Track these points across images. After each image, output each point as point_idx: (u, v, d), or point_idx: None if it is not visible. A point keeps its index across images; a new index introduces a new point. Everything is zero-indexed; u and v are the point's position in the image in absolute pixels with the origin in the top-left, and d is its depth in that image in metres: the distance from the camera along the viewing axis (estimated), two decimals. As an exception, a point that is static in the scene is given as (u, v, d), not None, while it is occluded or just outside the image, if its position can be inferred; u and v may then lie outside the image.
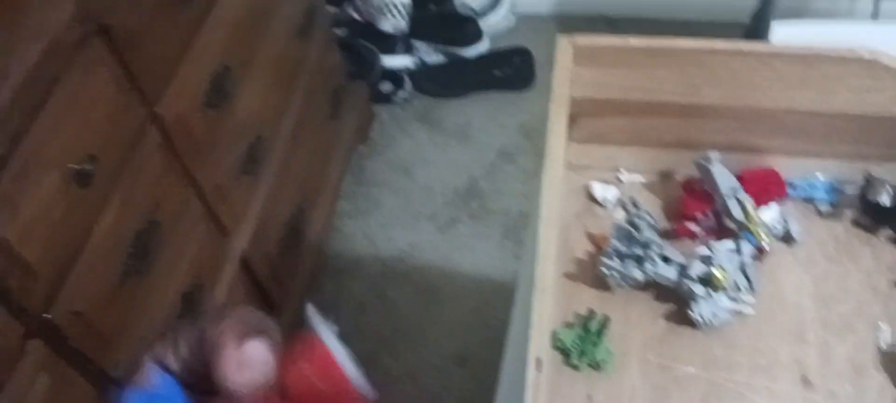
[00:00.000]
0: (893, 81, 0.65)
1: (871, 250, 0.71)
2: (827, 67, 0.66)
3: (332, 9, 1.93)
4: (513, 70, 1.94)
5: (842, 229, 0.73)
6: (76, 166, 0.84)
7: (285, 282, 1.44)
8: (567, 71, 0.69)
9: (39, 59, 0.76)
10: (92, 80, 0.86)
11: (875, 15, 1.85)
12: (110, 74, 0.89)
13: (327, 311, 1.61)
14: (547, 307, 0.54)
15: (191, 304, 1.10)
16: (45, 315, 0.83)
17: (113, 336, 0.93)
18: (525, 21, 2.11)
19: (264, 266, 1.34)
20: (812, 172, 0.75)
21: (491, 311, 1.55)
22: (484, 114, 1.92)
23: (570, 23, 2.08)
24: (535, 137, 1.84)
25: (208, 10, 1.11)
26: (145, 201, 0.98)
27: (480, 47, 1.98)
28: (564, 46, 0.69)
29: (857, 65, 0.65)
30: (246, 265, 1.28)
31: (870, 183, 0.71)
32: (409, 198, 1.76)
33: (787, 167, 0.74)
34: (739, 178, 0.72)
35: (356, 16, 1.98)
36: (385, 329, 1.55)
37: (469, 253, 1.65)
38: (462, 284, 1.59)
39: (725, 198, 0.70)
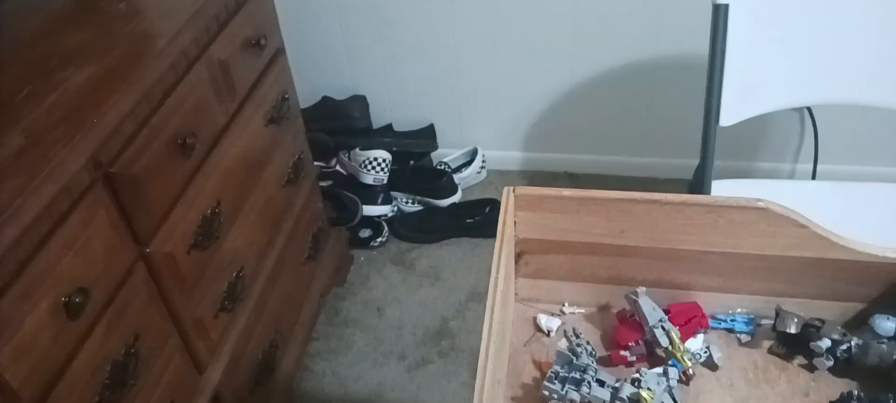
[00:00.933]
0: (788, 228, 0.76)
1: (787, 375, 0.79)
2: (731, 215, 0.77)
3: (320, 163, 2.08)
4: (483, 218, 2.07)
5: (760, 356, 0.81)
6: (67, 297, 0.91)
7: (255, 421, 1.47)
8: (510, 215, 0.79)
9: (51, 199, 0.85)
10: (92, 220, 0.95)
11: (813, 177, 2.03)
12: (108, 215, 0.98)
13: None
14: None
15: (161, 438, 1.13)
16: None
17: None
18: (496, 175, 2.28)
19: (235, 402, 1.37)
20: (732, 306, 0.85)
21: (457, 451, 1.57)
22: (455, 257, 2.02)
23: (536, 177, 2.25)
24: (502, 281, 1.93)
25: (205, 158, 1.22)
26: (126, 333, 1.04)
27: (454, 198, 2.13)
28: (507, 195, 0.80)
29: (755, 213, 0.76)
30: (217, 400, 1.32)
31: (779, 315, 0.80)
32: (380, 337, 1.82)
33: (709, 301, 0.84)
34: (666, 311, 0.82)
35: (340, 169, 2.13)
36: (352, 469, 1.56)
37: (437, 392, 1.68)
38: (429, 425, 1.62)
39: (653, 329, 0.79)
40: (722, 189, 1.43)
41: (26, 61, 1.09)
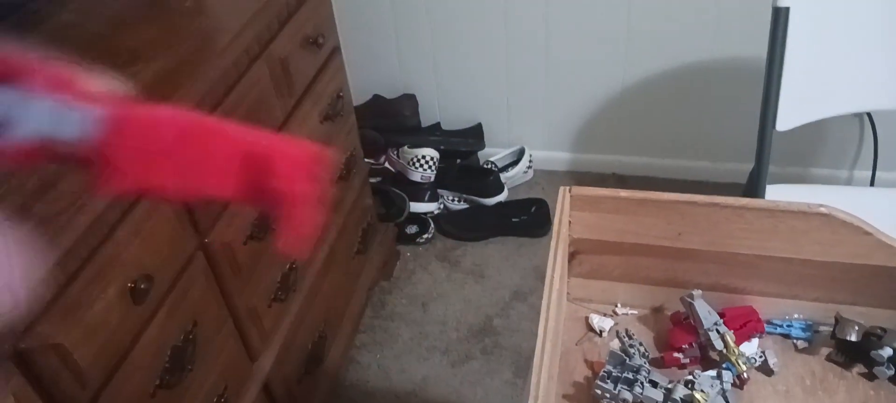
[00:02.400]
0: (850, 235, 0.75)
1: (845, 385, 0.78)
2: (793, 221, 0.76)
3: (369, 160, 2.11)
4: (529, 217, 2.07)
5: (817, 364, 0.80)
6: (133, 283, 0.95)
7: (302, 409, 1.50)
8: (566, 215, 0.80)
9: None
10: (156, 210, 0.98)
11: (871, 184, 1.98)
12: (171, 206, 1.02)
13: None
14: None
15: (213, 421, 1.16)
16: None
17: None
18: (542, 175, 2.28)
19: (283, 390, 1.40)
20: (789, 312, 0.84)
21: (500, 448, 1.58)
22: (500, 256, 2.03)
23: (583, 178, 2.24)
24: (548, 281, 1.93)
25: (262, 151, 1.25)
26: (185, 319, 1.08)
27: (500, 197, 2.13)
28: (563, 194, 0.81)
29: (818, 220, 0.75)
30: (267, 388, 1.35)
31: (839, 322, 0.79)
32: (424, 331, 1.84)
33: (766, 306, 0.83)
34: (721, 315, 0.81)
35: (390, 167, 2.16)
36: (394, 462, 1.58)
37: (480, 389, 1.69)
38: (472, 421, 1.64)
39: (708, 332, 0.79)
40: (777, 194, 1.40)
41: (96, 56, 1.13)
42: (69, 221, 0.83)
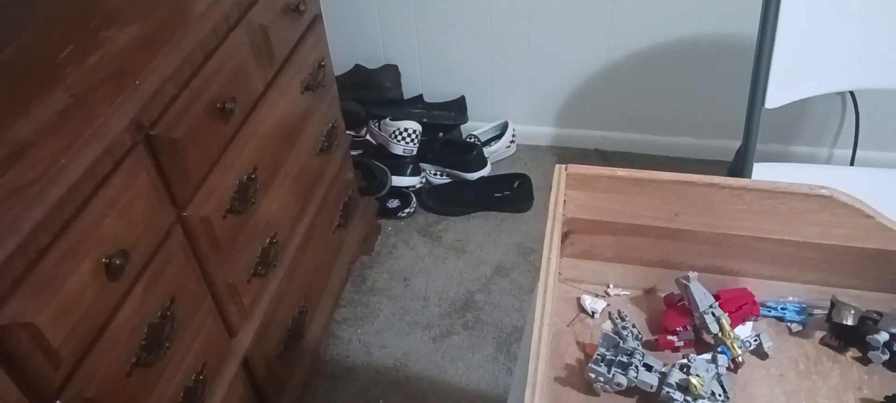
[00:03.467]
0: (850, 217, 0.74)
1: (839, 368, 0.77)
2: (792, 202, 0.75)
3: (350, 132, 2.06)
4: (512, 193, 2.05)
5: (812, 347, 0.79)
6: (108, 258, 0.91)
7: (281, 385, 1.48)
8: (561, 193, 0.77)
9: (95, 159, 0.85)
10: (133, 182, 0.94)
11: (852, 163, 1.99)
12: (148, 178, 0.98)
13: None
14: (538, 401, 0.59)
15: (192, 399, 1.13)
16: (58, 402, 0.87)
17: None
18: (525, 150, 2.25)
19: (263, 366, 1.38)
20: (784, 295, 0.83)
21: (482, 424, 1.57)
22: (482, 231, 2.01)
23: (566, 154, 2.23)
24: (530, 255, 1.92)
25: (243, 123, 1.21)
26: (163, 295, 1.04)
27: (483, 172, 2.11)
28: (559, 173, 0.79)
29: (818, 201, 0.74)
30: (246, 364, 1.33)
31: (835, 306, 0.78)
32: (405, 306, 1.82)
33: (761, 289, 0.82)
34: (716, 297, 0.80)
35: (371, 140, 2.12)
36: (375, 437, 1.57)
37: (461, 364, 1.68)
38: (452, 396, 1.62)
39: (703, 315, 0.77)
40: (763, 172, 1.40)
41: (68, 19, 1.08)
42: (41, 192, 0.79)
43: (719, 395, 0.73)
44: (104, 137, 0.88)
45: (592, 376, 0.75)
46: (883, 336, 0.74)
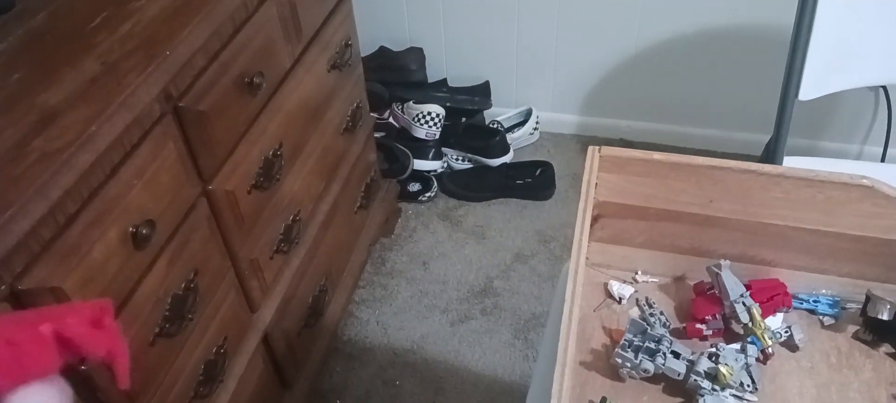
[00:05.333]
0: (891, 208, 0.72)
1: (872, 363, 0.75)
2: (832, 192, 0.73)
3: (373, 114, 2.06)
4: (534, 180, 2.04)
5: (844, 341, 0.77)
6: (135, 228, 0.91)
7: (300, 362, 1.48)
8: (594, 175, 0.76)
9: (124, 129, 0.85)
10: (160, 153, 0.94)
11: (883, 160, 1.95)
12: (176, 149, 0.98)
13: (333, 395, 1.64)
14: (567, 382, 0.59)
15: (212, 372, 1.14)
16: (82, 367, 0.87)
17: (137, 394, 0.97)
18: (549, 138, 2.24)
19: (283, 343, 1.38)
20: (817, 287, 0.81)
21: (497, 409, 1.57)
22: (503, 217, 2.00)
23: (590, 143, 2.18)
24: (550, 243, 1.91)
25: (269, 99, 1.21)
26: (186, 267, 1.04)
27: (505, 158, 2.09)
28: (592, 154, 0.77)
29: (859, 191, 0.72)
30: (266, 340, 1.33)
31: (870, 300, 0.76)
32: (424, 290, 1.82)
33: (793, 280, 0.80)
34: (747, 287, 0.78)
35: (394, 122, 2.11)
36: (389, 418, 1.57)
37: (478, 349, 1.68)
38: (468, 380, 1.62)
39: (734, 304, 0.76)
40: (794, 166, 1.37)
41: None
42: (70, 159, 0.79)
43: (748, 386, 0.72)
44: (133, 106, 0.88)
45: (619, 361, 0.74)
46: (920, 332, 0.73)
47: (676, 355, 0.74)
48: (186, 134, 1.01)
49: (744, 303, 0.76)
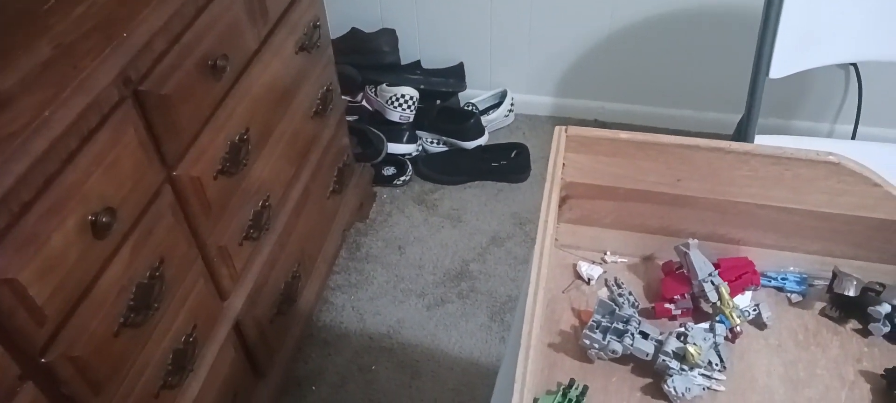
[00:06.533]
0: (858, 185, 0.72)
1: (839, 340, 0.75)
2: (799, 169, 0.73)
3: (346, 97, 2.03)
4: (509, 163, 2.03)
5: (811, 318, 0.78)
6: (94, 216, 0.89)
7: (273, 349, 1.47)
8: (560, 156, 0.75)
9: (80, 113, 0.82)
10: (120, 138, 0.92)
11: (853, 137, 1.97)
12: (137, 135, 0.95)
13: (308, 382, 1.63)
14: (531, 365, 0.58)
15: (181, 361, 1.12)
16: (42, 360, 0.85)
17: (103, 385, 0.95)
18: (523, 120, 2.22)
19: (255, 330, 1.36)
20: (784, 265, 0.81)
21: (472, 392, 1.56)
22: (478, 201, 1.99)
23: (565, 124, 2.19)
24: (526, 225, 1.91)
25: (235, 82, 1.18)
26: (151, 256, 1.02)
27: (480, 141, 2.08)
28: (559, 135, 0.76)
29: (826, 168, 0.71)
30: (238, 328, 1.31)
31: (837, 277, 0.76)
32: (400, 274, 1.81)
33: (761, 258, 0.80)
34: (716, 266, 0.78)
35: (367, 105, 2.08)
36: (365, 403, 1.56)
37: (454, 332, 1.67)
38: (445, 363, 1.62)
39: (702, 283, 0.75)
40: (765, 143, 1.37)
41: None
42: (23, 145, 0.77)
43: (716, 364, 0.72)
44: (90, 90, 0.85)
45: (587, 343, 0.73)
46: (885, 308, 0.73)
47: (645, 335, 0.73)
48: (148, 119, 0.99)
49: (712, 282, 0.76)
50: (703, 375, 0.71)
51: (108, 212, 0.90)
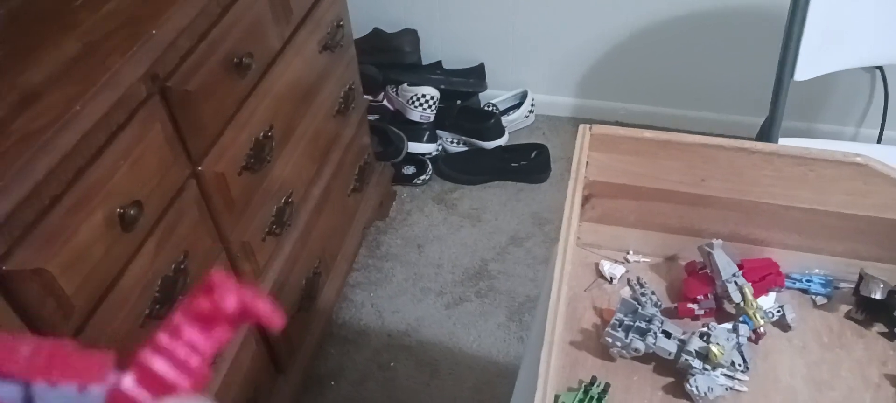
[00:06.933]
0: (884, 186, 0.71)
1: (864, 342, 0.75)
2: (824, 170, 0.72)
3: (367, 97, 2.04)
4: (529, 163, 2.03)
5: (836, 320, 0.77)
6: (122, 209, 0.90)
7: (294, 346, 1.48)
8: (584, 154, 0.75)
9: (109, 108, 0.84)
10: (147, 134, 0.93)
11: (879, 141, 1.94)
12: (163, 130, 0.96)
13: (328, 379, 1.63)
14: (554, 361, 0.58)
15: (205, 355, 1.13)
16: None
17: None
18: (544, 120, 2.22)
19: (277, 327, 1.37)
20: (809, 266, 0.80)
21: (491, 390, 1.57)
22: (498, 200, 1.99)
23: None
24: (546, 226, 1.90)
25: (259, 80, 1.19)
26: (176, 250, 1.03)
27: (500, 141, 2.08)
28: (583, 133, 0.76)
29: (852, 169, 0.71)
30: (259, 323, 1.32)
31: (863, 279, 0.75)
32: (419, 272, 1.81)
33: (786, 259, 0.79)
34: (740, 266, 0.77)
35: (388, 105, 2.09)
36: (384, 401, 1.56)
37: (473, 331, 1.68)
38: (464, 362, 1.62)
39: (726, 283, 0.75)
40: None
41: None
42: (53, 139, 0.78)
43: (739, 365, 0.71)
44: (118, 86, 0.86)
45: (609, 341, 0.73)
46: (913, 311, 0.72)
47: (667, 334, 0.73)
48: (174, 115, 1.00)
49: (736, 283, 0.76)
50: (725, 375, 0.70)
51: (135, 206, 0.91)
